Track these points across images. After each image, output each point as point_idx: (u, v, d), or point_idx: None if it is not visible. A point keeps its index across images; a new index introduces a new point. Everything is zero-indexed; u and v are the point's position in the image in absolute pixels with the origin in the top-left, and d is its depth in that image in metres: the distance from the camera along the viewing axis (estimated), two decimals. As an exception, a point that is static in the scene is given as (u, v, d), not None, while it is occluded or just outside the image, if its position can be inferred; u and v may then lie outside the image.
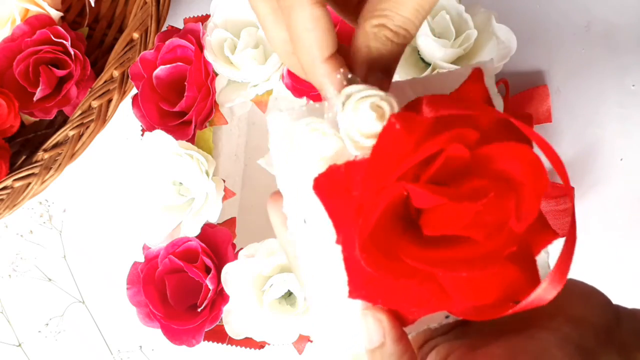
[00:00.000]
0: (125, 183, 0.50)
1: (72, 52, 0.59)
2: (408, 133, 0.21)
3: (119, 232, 0.60)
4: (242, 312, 0.46)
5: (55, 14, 0.61)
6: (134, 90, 0.54)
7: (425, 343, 0.28)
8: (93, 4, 0.65)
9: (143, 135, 0.53)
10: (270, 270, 0.45)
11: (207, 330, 0.47)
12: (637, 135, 0.54)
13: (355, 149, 0.23)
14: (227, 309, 0.47)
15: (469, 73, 0.25)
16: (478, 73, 0.25)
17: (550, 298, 0.21)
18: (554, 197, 0.48)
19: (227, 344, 0.48)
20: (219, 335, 0.48)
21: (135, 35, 0.58)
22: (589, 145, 0.54)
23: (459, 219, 0.21)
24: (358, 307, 0.25)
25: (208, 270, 0.48)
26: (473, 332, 0.26)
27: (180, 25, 0.55)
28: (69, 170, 0.58)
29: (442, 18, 0.48)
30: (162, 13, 0.58)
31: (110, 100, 0.57)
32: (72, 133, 0.56)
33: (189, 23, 0.53)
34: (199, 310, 0.47)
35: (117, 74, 0.57)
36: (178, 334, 0.47)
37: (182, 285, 0.48)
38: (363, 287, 0.23)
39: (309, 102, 0.38)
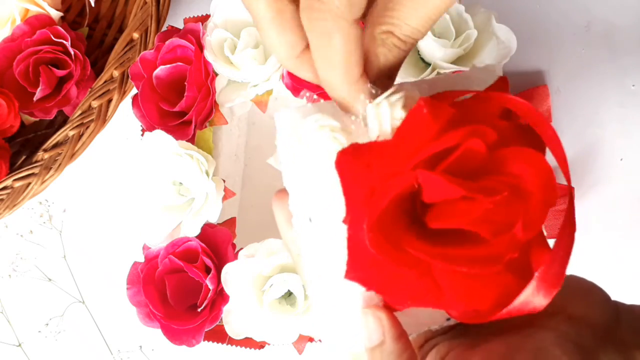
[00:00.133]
0: (125, 183, 0.50)
1: (72, 52, 0.59)
2: (434, 118, 0.21)
3: (119, 232, 0.60)
4: (242, 312, 0.46)
5: (55, 14, 0.61)
6: (134, 90, 0.54)
7: (426, 342, 0.28)
8: (93, 4, 0.65)
9: (143, 135, 0.53)
10: (270, 270, 0.45)
11: (207, 330, 0.47)
12: (637, 135, 0.54)
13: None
14: (227, 309, 0.47)
15: (474, 75, 0.25)
16: (503, 82, 0.25)
17: (545, 305, 0.21)
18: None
19: (227, 344, 0.48)
20: (219, 335, 0.48)
21: (135, 35, 0.58)
22: (589, 145, 0.54)
23: (469, 213, 0.21)
24: (359, 306, 0.25)
25: (208, 270, 0.48)
26: (472, 331, 0.27)
27: (180, 25, 0.55)
28: (69, 170, 0.58)
29: (442, 18, 0.48)
30: (162, 13, 0.58)
31: (110, 100, 0.57)
32: (72, 133, 0.56)
33: (189, 23, 0.53)
34: (199, 310, 0.47)
35: (117, 74, 0.57)
36: (178, 334, 0.47)
37: (182, 285, 0.48)
38: (361, 269, 0.23)
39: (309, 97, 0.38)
